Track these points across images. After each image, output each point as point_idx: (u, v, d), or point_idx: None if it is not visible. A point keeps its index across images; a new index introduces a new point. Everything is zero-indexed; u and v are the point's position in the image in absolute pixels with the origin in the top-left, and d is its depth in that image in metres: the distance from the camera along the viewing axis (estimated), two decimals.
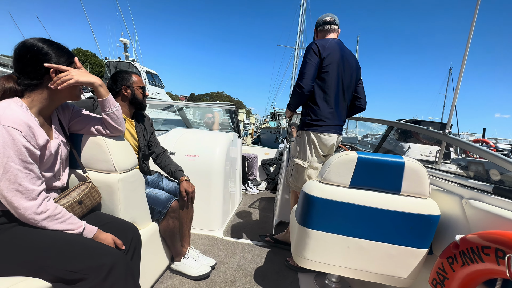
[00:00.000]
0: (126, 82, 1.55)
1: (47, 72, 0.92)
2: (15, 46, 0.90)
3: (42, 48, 0.91)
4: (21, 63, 0.90)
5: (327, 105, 1.66)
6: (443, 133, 1.36)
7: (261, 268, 1.79)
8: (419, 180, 1.09)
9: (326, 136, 1.68)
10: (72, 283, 0.83)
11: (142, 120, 1.69)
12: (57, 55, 0.94)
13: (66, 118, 1.10)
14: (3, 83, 0.88)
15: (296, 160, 1.77)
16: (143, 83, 1.63)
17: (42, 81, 0.92)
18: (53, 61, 0.92)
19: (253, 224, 2.57)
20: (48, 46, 0.92)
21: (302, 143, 1.73)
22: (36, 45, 0.90)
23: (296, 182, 1.78)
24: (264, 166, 4.23)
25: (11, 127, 0.79)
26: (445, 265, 0.93)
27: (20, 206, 0.81)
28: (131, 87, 1.55)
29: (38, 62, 0.90)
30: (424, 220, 1.07)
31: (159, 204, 1.48)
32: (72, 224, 0.92)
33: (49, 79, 0.93)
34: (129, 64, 12.95)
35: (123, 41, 13.59)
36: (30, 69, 0.90)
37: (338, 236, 1.15)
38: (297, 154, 1.78)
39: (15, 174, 0.80)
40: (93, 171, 1.17)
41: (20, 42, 0.91)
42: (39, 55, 0.90)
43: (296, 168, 1.77)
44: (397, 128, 6.35)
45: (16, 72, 0.91)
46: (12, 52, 0.90)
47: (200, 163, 2.30)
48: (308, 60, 1.61)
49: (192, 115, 5.07)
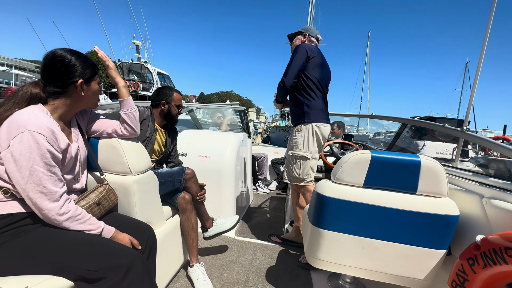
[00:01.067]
0: (167, 98, 1.70)
1: (72, 83, 0.97)
2: (44, 55, 0.96)
3: (70, 60, 0.96)
4: (50, 72, 0.95)
5: (318, 98, 1.86)
6: (461, 129, 1.31)
7: (274, 267, 1.79)
8: (437, 179, 1.06)
9: (324, 126, 1.84)
10: (93, 282, 0.86)
11: (171, 131, 1.85)
12: (83, 67, 1.00)
13: (84, 122, 1.15)
14: (31, 88, 0.93)
15: (298, 152, 1.84)
16: (181, 101, 1.78)
17: (66, 90, 0.98)
18: (78, 72, 0.98)
19: (265, 224, 2.58)
20: (76, 58, 0.98)
21: (305, 136, 1.82)
22: (66, 56, 0.96)
23: (301, 174, 1.85)
24: (274, 166, 4.22)
25: (35, 132, 0.83)
26: (465, 266, 0.90)
27: (44, 207, 0.85)
28: (169, 104, 1.71)
29: (65, 73, 0.96)
30: (443, 221, 1.04)
31: (176, 174, 1.61)
32: (91, 225, 0.95)
33: (74, 89, 0.99)
34: (141, 65, 13.26)
35: (135, 43, 13.94)
36: (57, 78, 0.95)
37: (352, 237, 1.14)
38: (299, 147, 1.85)
39: (40, 177, 0.84)
40: (109, 173, 1.21)
41: (50, 52, 0.96)
42: (67, 66, 0.96)
43: (301, 160, 1.84)
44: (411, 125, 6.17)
45: (43, 80, 0.97)
46: (42, 61, 0.96)
47: (211, 164, 2.32)
48: (296, 61, 1.82)
49: (202, 114, 5.15)
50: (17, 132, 0.82)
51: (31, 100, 0.93)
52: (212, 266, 1.76)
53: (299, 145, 1.84)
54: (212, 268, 1.73)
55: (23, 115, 0.86)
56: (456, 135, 1.36)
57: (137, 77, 13.09)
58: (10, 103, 0.89)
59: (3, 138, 0.82)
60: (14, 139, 0.81)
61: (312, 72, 1.83)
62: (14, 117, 0.85)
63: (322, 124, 1.83)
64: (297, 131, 1.87)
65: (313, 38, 2.04)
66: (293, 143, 1.88)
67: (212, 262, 1.80)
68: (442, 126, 1.47)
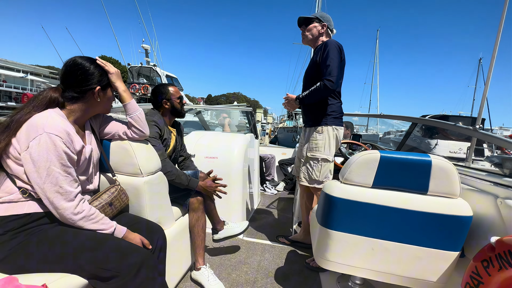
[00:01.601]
0: (165, 96, 1.70)
1: (90, 89, 1.02)
2: (65, 62, 1.02)
3: (89, 68, 1.02)
4: (70, 78, 1.00)
5: (338, 100, 1.82)
6: (473, 128, 1.27)
7: (282, 268, 1.79)
8: (448, 179, 1.04)
9: (342, 129, 1.82)
10: (106, 280, 0.88)
11: (179, 128, 1.88)
12: (101, 74, 1.06)
13: (97, 125, 1.18)
14: (51, 93, 0.98)
15: (320, 155, 1.78)
16: (179, 93, 1.77)
17: (84, 96, 1.02)
18: (96, 80, 1.04)
19: (273, 225, 2.58)
20: (94, 66, 1.04)
21: (327, 138, 1.77)
22: (85, 64, 1.02)
23: (320, 177, 1.80)
24: (282, 167, 4.21)
25: (53, 134, 0.87)
26: (479, 268, 0.87)
27: (60, 206, 0.88)
28: (170, 100, 1.71)
29: (84, 80, 1.01)
30: (455, 221, 1.02)
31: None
32: (104, 225, 0.98)
33: (91, 95, 1.04)
34: (150, 69, 13.50)
35: (144, 47, 14.22)
36: (76, 84, 1.00)
37: (362, 238, 1.13)
38: (320, 149, 1.78)
39: (56, 177, 0.87)
40: (121, 174, 1.24)
41: (71, 60, 1.02)
42: (86, 73, 1.01)
43: (322, 162, 1.79)
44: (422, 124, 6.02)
45: (63, 85, 1.02)
46: (62, 67, 1.02)
47: (219, 165, 2.34)
48: (336, 59, 1.64)
49: (209, 116, 5.22)
50: (36, 134, 0.86)
51: (50, 104, 0.97)
52: (220, 266, 1.77)
53: (320, 147, 1.77)
54: (220, 269, 1.75)
55: (42, 118, 0.90)
56: (468, 134, 1.32)
57: (147, 80, 13.31)
58: (30, 106, 0.94)
59: (23, 140, 0.86)
60: (33, 140, 0.85)
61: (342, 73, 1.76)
62: (33, 119, 0.89)
63: (340, 127, 1.81)
64: (318, 132, 1.79)
65: (330, 32, 1.85)
66: (314, 145, 1.80)
67: (220, 263, 1.82)
68: (453, 125, 1.43)
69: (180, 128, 1.90)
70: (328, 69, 1.62)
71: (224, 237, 1.80)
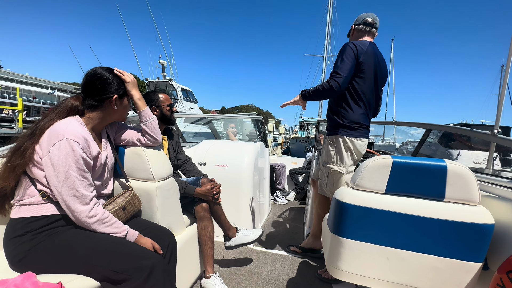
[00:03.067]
0: (154, 102, 1.71)
1: (108, 98, 1.08)
2: (86, 72, 1.08)
3: (108, 78, 1.08)
4: (90, 87, 1.07)
5: (360, 108, 1.64)
6: (491, 133, 1.22)
7: (294, 279, 1.74)
8: (466, 185, 0.99)
9: (360, 141, 1.65)
10: (117, 283, 0.89)
11: (171, 133, 1.87)
12: (118, 84, 1.12)
13: (112, 132, 1.24)
14: (72, 101, 1.05)
15: (332, 166, 1.69)
16: (170, 100, 1.79)
17: (102, 104, 1.08)
18: (114, 89, 1.09)
19: (284, 235, 2.53)
20: (113, 76, 1.10)
21: (337, 148, 1.67)
22: (104, 74, 1.08)
23: (332, 189, 1.70)
24: (293, 176, 4.17)
25: (72, 140, 0.92)
26: (504, 280, 0.82)
27: (76, 209, 0.92)
28: (159, 107, 1.72)
29: (103, 89, 1.07)
30: (475, 230, 0.96)
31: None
32: (117, 228, 1.00)
33: (109, 104, 1.09)
34: (167, 83, 14.11)
35: (161, 62, 14.97)
36: (95, 93, 1.06)
37: (375, 246, 1.08)
38: (333, 160, 1.69)
39: (73, 181, 0.91)
40: (134, 180, 1.27)
41: (91, 70, 1.08)
42: (105, 83, 1.07)
43: (333, 175, 1.69)
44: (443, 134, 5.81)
45: (83, 94, 1.08)
46: (84, 77, 1.08)
47: (229, 173, 2.36)
48: (346, 60, 1.55)
49: (223, 128, 5.31)
50: (56, 140, 0.90)
51: (71, 111, 1.03)
52: (230, 275, 1.75)
53: (333, 158, 1.68)
54: (230, 278, 1.72)
55: (62, 124, 0.95)
56: (486, 139, 1.27)
57: None
58: (53, 114, 1.00)
59: (45, 145, 0.92)
60: (54, 146, 0.90)
61: (358, 79, 1.60)
62: (54, 126, 0.95)
63: (356, 139, 1.63)
64: (330, 143, 1.70)
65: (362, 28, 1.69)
66: (327, 155, 1.72)
67: (230, 272, 1.79)
68: (470, 130, 1.38)
69: (173, 133, 1.89)
70: (336, 70, 1.58)
71: (237, 245, 1.75)
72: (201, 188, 1.61)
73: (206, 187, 1.62)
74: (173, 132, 1.91)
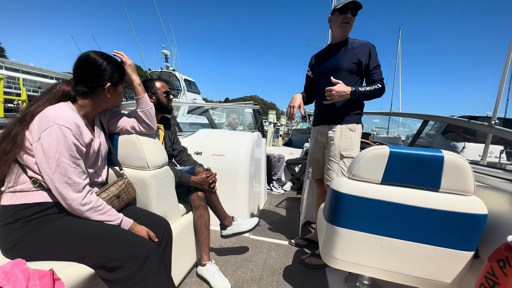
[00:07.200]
0: (151, 90, 1.67)
1: (101, 85, 1.03)
2: (79, 56, 1.02)
3: (102, 64, 1.02)
4: (82, 73, 1.02)
5: None
6: (489, 124, 1.22)
7: (289, 267, 1.76)
8: (462, 176, 1.00)
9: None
10: (112, 271, 0.89)
11: (168, 123, 1.83)
12: (113, 71, 1.06)
13: (106, 119, 1.20)
14: (63, 86, 1.00)
15: (354, 154, 1.67)
16: (166, 87, 1.74)
17: (94, 91, 1.03)
18: (108, 76, 1.04)
19: (279, 224, 2.55)
20: (107, 63, 1.04)
21: (358, 136, 1.74)
22: (98, 60, 1.02)
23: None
24: (289, 166, 4.18)
25: (63, 126, 0.89)
26: (495, 269, 0.83)
27: (68, 197, 0.90)
28: (155, 94, 1.68)
29: (96, 76, 1.02)
30: (469, 220, 0.98)
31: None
32: (111, 216, 0.99)
33: (101, 91, 1.04)
34: (170, 73, 13.92)
35: (164, 52, 14.70)
36: (88, 79, 1.01)
37: (370, 235, 1.10)
38: (354, 148, 1.69)
39: (66, 168, 0.89)
40: (128, 168, 1.25)
41: (84, 55, 1.02)
42: (98, 70, 1.02)
43: None
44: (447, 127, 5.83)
45: (74, 79, 1.03)
46: (75, 61, 1.02)
47: (225, 162, 2.35)
48: None
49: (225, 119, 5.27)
50: (47, 126, 0.88)
51: (62, 97, 0.99)
52: (226, 263, 1.77)
53: (354, 146, 1.69)
54: (226, 266, 1.74)
55: (53, 110, 0.92)
56: (483, 130, 1.27)
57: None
58: (44, 99, 0.96)
59: (35, 131, 0.89)
60: (44, 132, 0.87)
61: None
62: (45, 112, 0.91)
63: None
64: (352, 130, 1.70)
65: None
66: (349, 143, 1.68)
67: (226, 260, 1.81)
68: (466, 121, 1.38)
69: (170, 122, 1.87)
70: (380, 72, 1.67)
71: (233, 234, 1.77)
72: (196, 177, 1.60)
73: (202, 176, 1.60)
74: (170, 122, 1.89)
